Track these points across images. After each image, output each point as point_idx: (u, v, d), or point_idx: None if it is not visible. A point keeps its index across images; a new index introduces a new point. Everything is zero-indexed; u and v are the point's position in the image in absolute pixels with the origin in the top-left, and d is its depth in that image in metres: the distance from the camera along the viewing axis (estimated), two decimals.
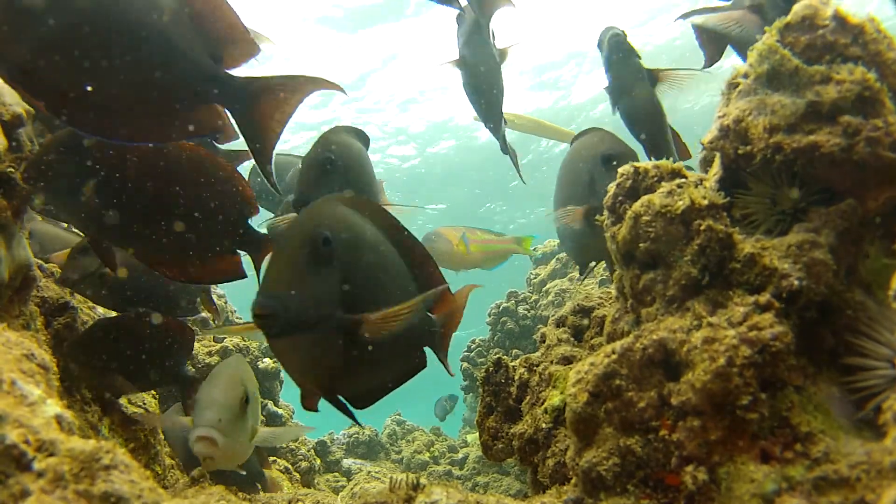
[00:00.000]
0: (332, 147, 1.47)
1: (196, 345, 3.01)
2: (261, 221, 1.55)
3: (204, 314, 2.45)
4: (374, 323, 0.96)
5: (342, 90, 1.15)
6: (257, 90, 1.09)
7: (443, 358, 1.31)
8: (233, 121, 1.13)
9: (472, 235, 3.39)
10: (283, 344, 1.00)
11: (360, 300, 0.98)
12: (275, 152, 1.15)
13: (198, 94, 1.07)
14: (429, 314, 1.23)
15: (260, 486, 2.20)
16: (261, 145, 1.12)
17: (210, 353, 3.03)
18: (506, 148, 2.13)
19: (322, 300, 0.94)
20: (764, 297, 0.77)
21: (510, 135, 2.23)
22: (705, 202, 0.83)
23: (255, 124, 1.10)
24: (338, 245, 0.96)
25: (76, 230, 1.83)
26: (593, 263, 1.82)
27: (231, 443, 1.17)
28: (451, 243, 3.30)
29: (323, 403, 1.11)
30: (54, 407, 0.78)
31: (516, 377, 1.35)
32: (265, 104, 1.10)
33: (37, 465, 0.64)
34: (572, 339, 1.40)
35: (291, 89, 1.10)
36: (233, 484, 1.91)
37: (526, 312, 4.65)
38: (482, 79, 1.93)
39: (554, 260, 4.84)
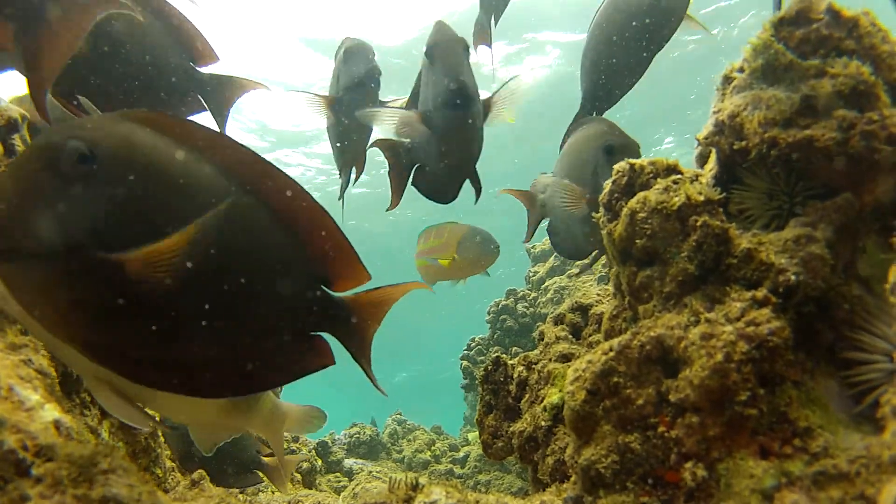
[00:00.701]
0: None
1: None
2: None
3: None
4: (134, 263, 0.71)
5: (266, 87, 1.57)
6: (217, 83, 1.52)
7: (365, 366, 0.95)
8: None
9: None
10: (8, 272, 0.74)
11: (134, 237, 0.73)
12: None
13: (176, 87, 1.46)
14: (329, 292, 0.91)
15: (261, 474, 2.18)
16: (220, 118, 1.54)
17: None
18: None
19: (61, 227, 0.71)
20: (761, 293, 0.77)
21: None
22: (701, 198, 0.83)
23: (218, 107, 1.53)
24: (103, 163, 0.73)
25: None
26: (596, 252, 1.78)
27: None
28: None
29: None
30: (52, 412, 0.78)
31: (515, 375, 1.35)
32: (223, 93, 1.53)
33: (35, 471, 0.64)
34: (571, 336, 1.41)
35: (238, 85, 1.54)
36: (231, 473, 1.87)
37: (525, 310, 4.65)
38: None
39: (553, 257, 4.84)
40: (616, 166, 0.97)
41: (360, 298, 0.94)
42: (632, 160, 0.95)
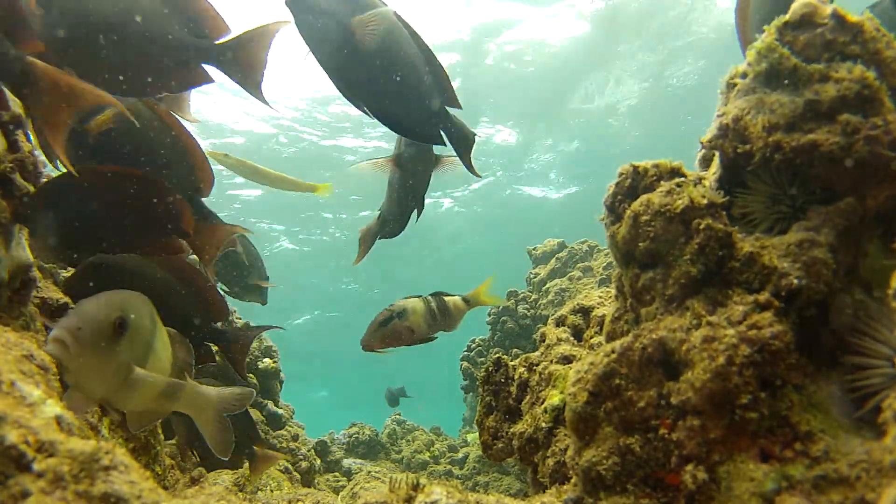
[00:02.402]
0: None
1: None
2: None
3: None
4: None
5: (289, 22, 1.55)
6: (233, 47, 1.49)
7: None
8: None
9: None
10: None
11: None
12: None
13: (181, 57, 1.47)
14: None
15: (248, 461, 2.18)
16: (249, 81, 1.52)
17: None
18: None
19: None
20: (763, 296, 0.77)
21: None
22: (704, 201, 0.83)
23: (240, 71, 1.50)
24: None
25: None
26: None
27: (88, 361, 1.07)
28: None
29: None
30: (54, 407, 0.78)
31: (516, 377, 1.35)
32: (242, 55, 1.49)
33: (36, 466, 0.64)
34: (572, 338, 1.40)
35: (260, 35, 1.48)
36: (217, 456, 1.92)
37: (526, 312, 4.65)
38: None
39: (553, 259, 4.84)
40: (620, 168, 0.97)
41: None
42: (635, 162, 0.95)
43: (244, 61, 1.48)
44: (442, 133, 1.82)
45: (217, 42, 1.47)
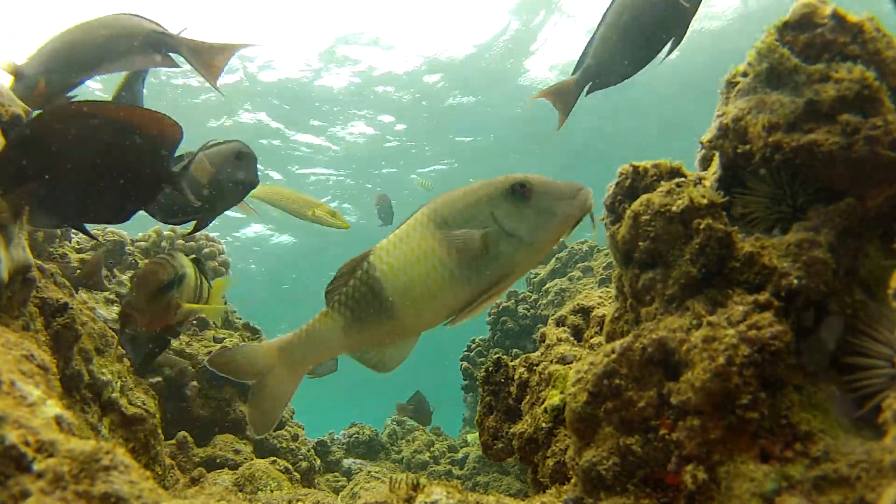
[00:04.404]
0: None
1: (196, 344, 3.01)
2: None
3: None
4: None
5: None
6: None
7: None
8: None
9: None
10: None
11: None
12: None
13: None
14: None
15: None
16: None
17: (210, 353, 3.02)
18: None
19: None
20: (763, 296, 0.77)
21: None
22: (704, 201, 0.83)
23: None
24: None
25: None
26: None
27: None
28: None
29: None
30: (54, 408, 0.78)
31: (516, 377, 1.35)
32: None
33: (36, 466, 0.64)
34: (572, 338, 1.40)
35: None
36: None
37: (526, 312, 4.65)
38: None
39: (553, 259, 4.83)
40: (620, 168, 0.97)
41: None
42: (635, 162, 0.95)
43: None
44: None
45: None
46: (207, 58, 1.85)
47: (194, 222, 2.25)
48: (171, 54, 1.84)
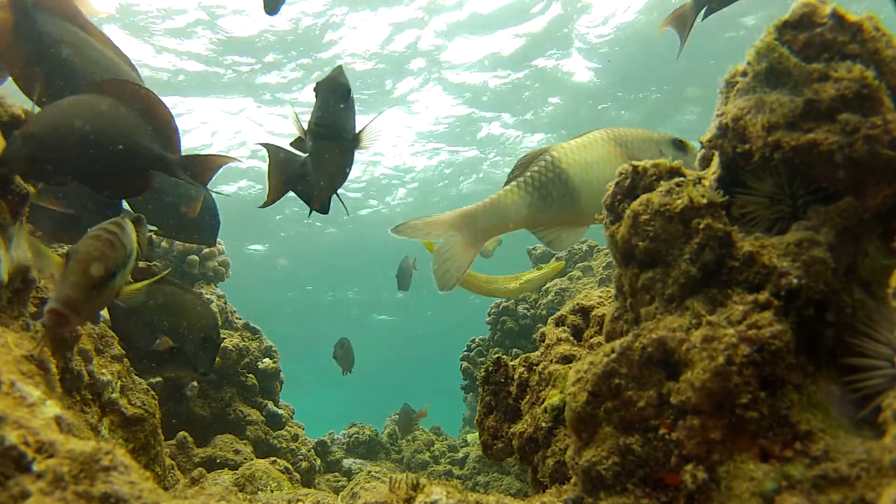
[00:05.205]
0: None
1: None
2: None
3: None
4: None
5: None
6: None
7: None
8: None
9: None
10: None
11: None
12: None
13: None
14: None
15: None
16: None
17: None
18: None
19: None
20: (763, 296, 0.77)
21: None
22: (704, 201, 0.83)
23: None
24: None
25: None
26: None
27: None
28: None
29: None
30: (54, 408, 0.78)
31: (516, 376, 1.35)
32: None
33: (36, 467, 0.64)
34: (572, 338, 1.40)
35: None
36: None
37: (526, 311, 4.65)
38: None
39: (553, 259, 4.84)
40: (619, 168, 0.97)
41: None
42: (635, 162, 0.95)
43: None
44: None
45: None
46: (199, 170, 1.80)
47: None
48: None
